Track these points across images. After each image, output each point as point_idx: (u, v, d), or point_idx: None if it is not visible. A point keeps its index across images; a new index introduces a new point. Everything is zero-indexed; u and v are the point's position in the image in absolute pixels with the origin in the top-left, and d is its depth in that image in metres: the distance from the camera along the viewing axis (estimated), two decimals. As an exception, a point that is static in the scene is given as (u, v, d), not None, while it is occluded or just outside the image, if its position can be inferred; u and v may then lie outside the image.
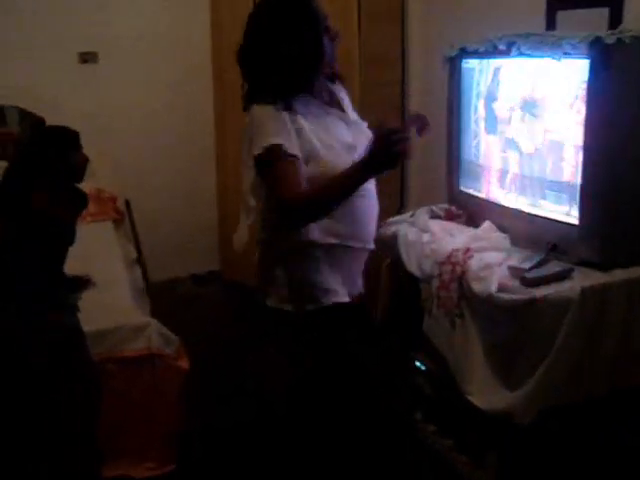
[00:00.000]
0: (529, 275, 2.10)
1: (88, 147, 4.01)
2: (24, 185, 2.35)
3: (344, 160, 1.79)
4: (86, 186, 3.98)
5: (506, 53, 2.30)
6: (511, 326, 2.12)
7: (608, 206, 2.10)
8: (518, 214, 2.37)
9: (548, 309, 2.03)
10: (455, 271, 2.29)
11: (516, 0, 2.82)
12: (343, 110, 1.98)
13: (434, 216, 2.65)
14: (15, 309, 2.17)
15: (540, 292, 2.03)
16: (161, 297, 4.15)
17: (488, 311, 2.17)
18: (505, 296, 2.08)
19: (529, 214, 2.33)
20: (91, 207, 3.83)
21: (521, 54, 2.25)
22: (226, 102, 4.13)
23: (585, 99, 2.04)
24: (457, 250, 2.33)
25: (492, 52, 2.38)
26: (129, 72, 3.99)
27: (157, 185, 4.20)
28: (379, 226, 2.07)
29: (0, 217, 2.33)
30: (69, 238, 2.45)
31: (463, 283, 2.25)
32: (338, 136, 1.87)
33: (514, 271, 2.16)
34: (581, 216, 2.13)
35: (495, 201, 2.49)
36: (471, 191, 2.61)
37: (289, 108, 1.79)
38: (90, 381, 2.29)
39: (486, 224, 2.47)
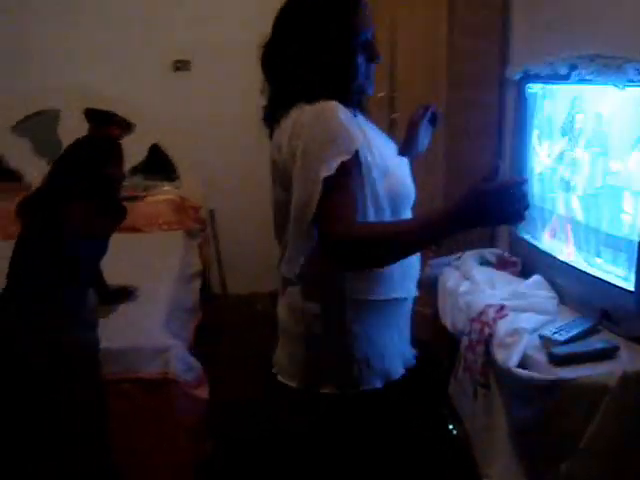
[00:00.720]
0: (559, 350, 1.74)
1: (176, 155, 4.12)
2: (57, 192, 2.35)
3: (406, 177, 1.48)
4: (171, 194, 4.13)
5: (565, 78, 1.94)
6: (535, 408, 1.77)
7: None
8: (570, 271, 1.99)
9: (577, 395, 1.67)
10: (483, 332, 1.96)
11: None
12: None
13: (484, 262, 2.31)
14: (16, 308, 2.18)
15: (568, 373, 1.69)
16: (239, 311, 4.13)
17: (513, 386, 1.83)
18: (524, 373, 1.73)
19: (582, 272, 1.94)
20: (170, 215, 3.87)
21: (581, 80, 1.88)
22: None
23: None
24: (490, 307, 2.00)
25: (552, 76, 2.01)
26: (221, 80, 3.90)
27: (243, 197, 4.09)
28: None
29: (28, 216, 2.36)
30: (99, 250, 2.42)
31: (490, 348, 1.92)
32: (393, 151, 1.53)
33: (546, 342, 1.80)
34: (638, 282, 1.74)
35: (548, 252, 2.11)
36: (528, 237, 2.24)
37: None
38: (94, 392, 2.24)
39: (534, 278, 2.10)
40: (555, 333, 1.81)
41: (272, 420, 1.64)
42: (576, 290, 1.99)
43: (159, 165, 4.13)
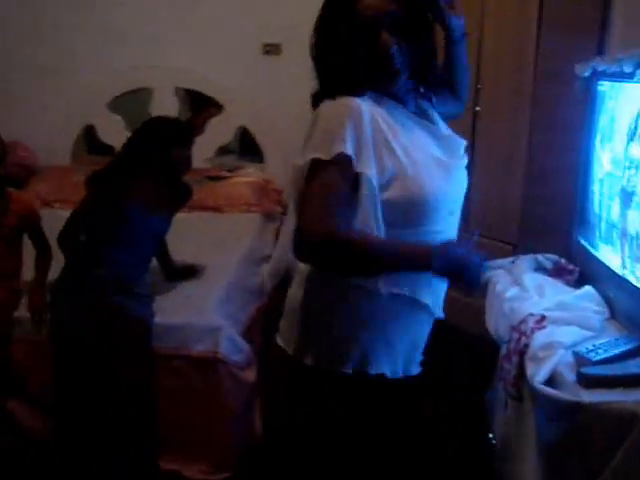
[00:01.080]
0: (589, 371, 1.62)
1: (262, 138, 4.17)
2: (124, 167, 2.46)
3: (437, 180, 1.42)
4: (255, 176, 4.20)
5: (630, 76, 1.78)
6: (560, 428, 1.66)
7: None
8: (623, 284, 1.84)
9: (601, 421, 1.55)
10: (520, 342, 1.86)
11: None
12: (432, 123, 1.54)
13: (539, 268, 2.19)
14: (72, 278, 2.32)
15: (592, 396, 1.56)
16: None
17: (539, 402, 1.73)
18: (547, 391, 1.63)
19: (634, 287, 1.79)
20: (250, 197, 3.94)
21: (646, 78, 1.72)
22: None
23: None
24: (532, 316, 1.89)
25: (619, 74, 1.85)
26: (311, 65, 3.89)
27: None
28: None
29: (95, 188, 2.48)
30: (160, 228, 2.51)
31: (524, 359, 1.82)
32: (431, 151, 1.47)
33: (578, 360, 1.68)
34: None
35: (603, 262, 1.96)
36: (586, 244, 2.09)
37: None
38: (144, 364, 2.33)
39: (585, 289, 1.97)
40: (591, 351, 1.69)
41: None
42: (627, 306, 1.84)
43: (245, 147, 4.21)
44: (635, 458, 1.51)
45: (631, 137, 1.82)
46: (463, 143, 1.52)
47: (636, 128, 1.81)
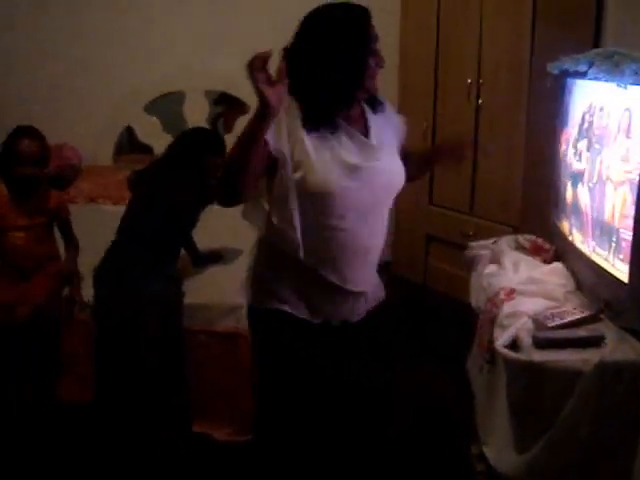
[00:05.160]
0: (543, 335, 1.86)
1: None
2: (162, 172, 2.80)
3: (342, 180, 1.73)
4: None
5: (583, 75, 2.00)
6: (520, 386, 1.90)
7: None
8: (584, 259, 2.07)
9: (551, 378, 1.78)
10: (492, 312, 2.11)
11: None
12: (367, 131, 1.85)
13: (519, 247, 2.42)
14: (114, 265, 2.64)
15: (542, 356, 1.79)
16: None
17: (503, 364, 1.97)
18: (506, 353, 1.87)
19: (591, 261, 2.02)
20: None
21: (595, 77, 1.94)
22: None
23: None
24: (503, 289, 2.13)
25: (574, 73, 2.07)
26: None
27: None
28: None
29: (137, 188, 2.82)
30: (188, 223, 2.84)
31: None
32: (339, 154, 1.76)
33: (537, 325, 1.92)
34: (631, 274, 1.80)
35: (569, 240, 2.19)
36: (559, 224, 2.32)
37: (315, 127, 1.75)
38: (175, 336, 2.65)
39: (554, 265, 2.20)
40: (548, 318, 1.92)
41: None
42: (588, 279, 2.07)
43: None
44: (581, 408, 1.73)
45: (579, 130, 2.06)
46: (382, 149, 1.83)
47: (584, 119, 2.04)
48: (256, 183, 1.71)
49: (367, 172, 1.77)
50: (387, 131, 1.90)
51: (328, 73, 1.72)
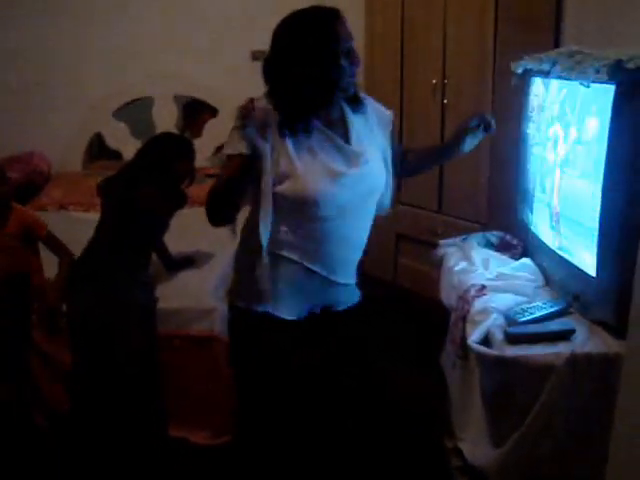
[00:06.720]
0: (514, 330, 1.90)
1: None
2: (132, 178, 2.78)
3: (325, 186, 1.77)
4: None
5: (547, 74, 2.05)
6: (493, 381, 1.94)
7: (629, 258, 1.73)
8: (552, 254, 2.12)
9: (523, 372, 1.81)
10: (463, 309, 2.14)
11: None
12: (347, 135, 1.87)
13: (488, 244, 2.46)
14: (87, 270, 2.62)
15: (515, 351, 1.83)
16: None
17: (476, 359, 2.01)
18: (478, 348, 1.90)
19: (560, 256, 2.07)
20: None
21: (558, 76, 1.99)
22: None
23: (608, 132, 1.74)
24: (473, 286, 2.17)
25: (537, 71, 2.13)
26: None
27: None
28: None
29: (107, 195, 2.80)
30: (160, 228, 2.83)
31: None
32: (324, 161, 1.80)
33: (508, 321, 1.96)
34: (598, 267, 1.85)
35: (537, 235, 2.24)
36: (525, 220, 2.37)
37: (292, 132, 1.79)
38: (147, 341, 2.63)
39: (522, 261, 2.24)
40: (518, 314, 1.96)
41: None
42: (556, 274, 2.11)
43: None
44: (554, 401, 1.77)
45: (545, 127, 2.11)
46: (363, 155, 1.86)
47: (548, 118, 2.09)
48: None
49: (351, 179, 1.81)
50: (368, 131, 1.92)
51: (301, 74, 1.75)
